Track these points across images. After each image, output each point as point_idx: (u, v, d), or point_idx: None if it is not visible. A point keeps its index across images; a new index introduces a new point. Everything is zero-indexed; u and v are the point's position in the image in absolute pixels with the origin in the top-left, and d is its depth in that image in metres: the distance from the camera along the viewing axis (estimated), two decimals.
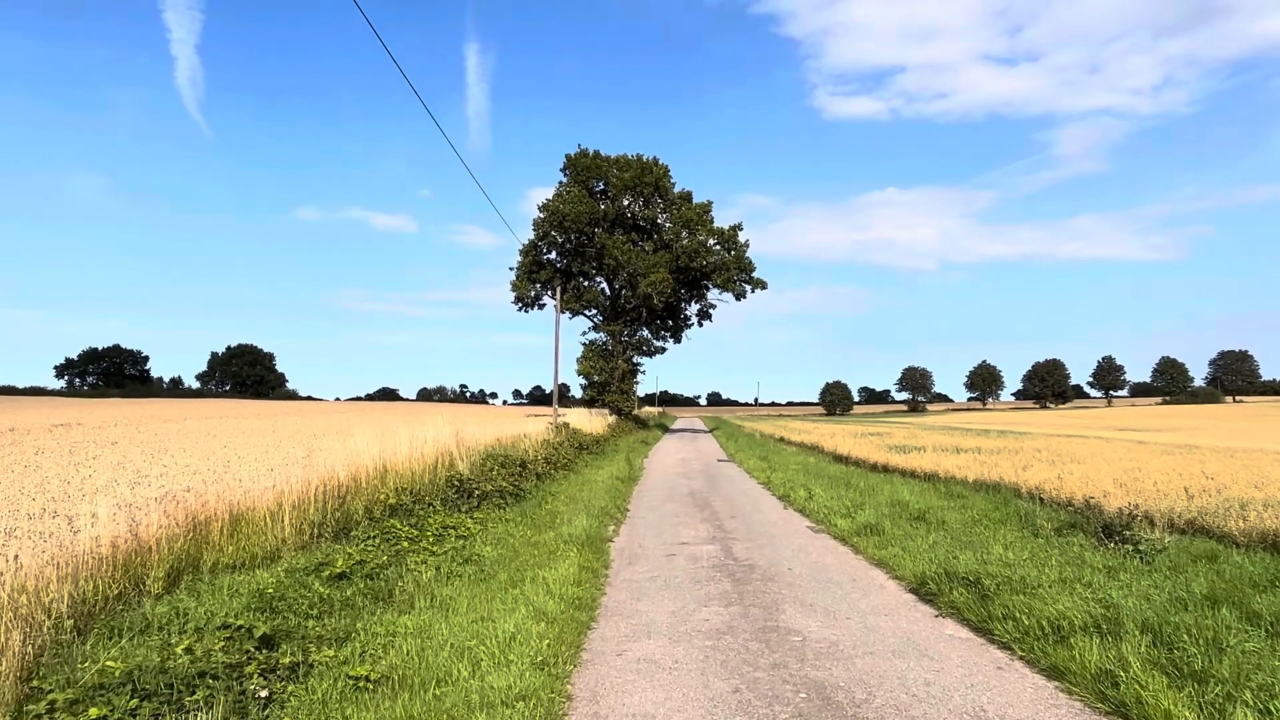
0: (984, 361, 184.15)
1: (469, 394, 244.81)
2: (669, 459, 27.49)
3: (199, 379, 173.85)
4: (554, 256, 47.70)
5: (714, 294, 49.59)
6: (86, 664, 5.33)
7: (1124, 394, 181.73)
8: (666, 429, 62.04)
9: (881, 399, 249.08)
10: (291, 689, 5.18)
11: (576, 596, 7.44)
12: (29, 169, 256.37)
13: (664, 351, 51.10)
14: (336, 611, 7.03)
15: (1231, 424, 54.35)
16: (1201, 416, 73.70)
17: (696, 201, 46.83)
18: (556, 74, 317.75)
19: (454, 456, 14.34)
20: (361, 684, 5.23)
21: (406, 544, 9.81)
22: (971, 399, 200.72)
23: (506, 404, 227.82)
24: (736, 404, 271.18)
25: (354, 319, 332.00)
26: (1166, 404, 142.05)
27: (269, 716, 4.80)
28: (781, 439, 39.27)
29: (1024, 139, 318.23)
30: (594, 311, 48.55)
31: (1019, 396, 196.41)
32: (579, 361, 47.13)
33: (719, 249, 46.46)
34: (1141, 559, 8.27)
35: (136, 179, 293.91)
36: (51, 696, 4.74)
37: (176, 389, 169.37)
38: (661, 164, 45.52)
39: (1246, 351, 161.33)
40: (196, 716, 4.61)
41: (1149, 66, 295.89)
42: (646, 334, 50.39)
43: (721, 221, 47.32)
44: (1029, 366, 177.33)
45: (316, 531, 9.96)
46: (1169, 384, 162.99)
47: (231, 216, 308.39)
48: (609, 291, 48.99)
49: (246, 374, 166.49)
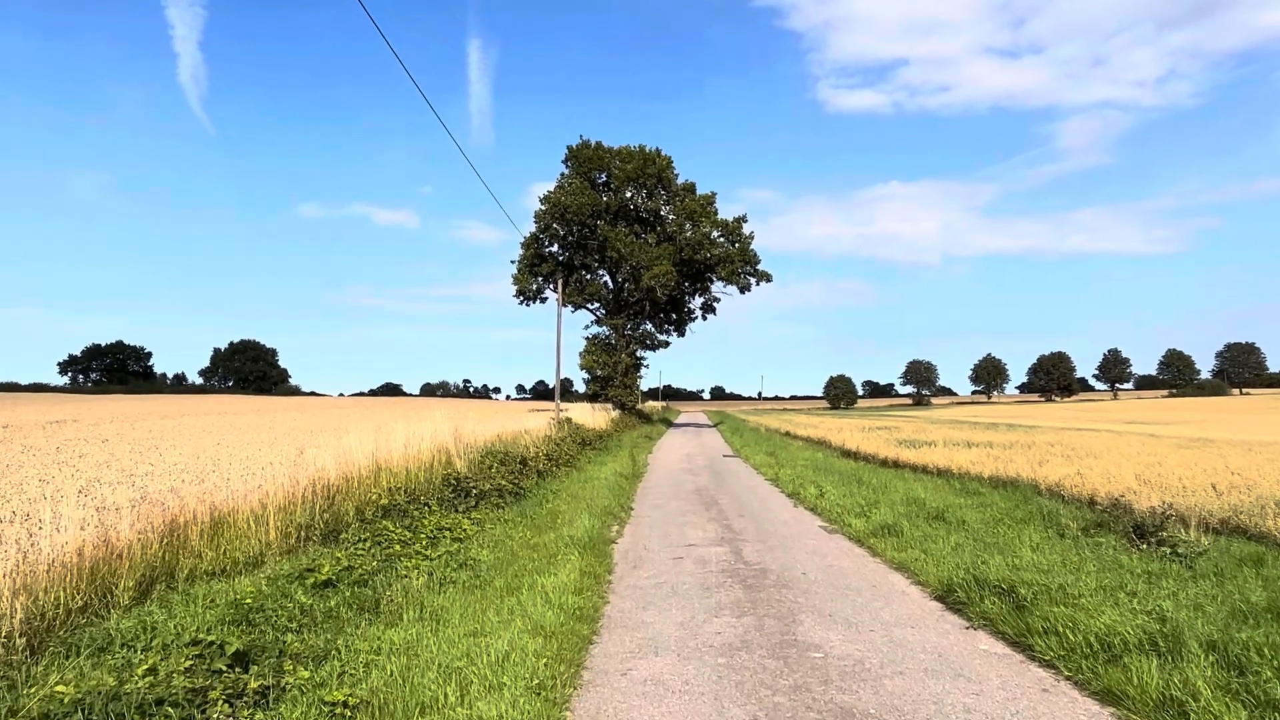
0: (989, 355, 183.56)
1: (472, 389, 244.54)
2: (673, 454, 26.97)
3: (202, 375, 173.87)
4: (556, 249, 47.12)
5: (718, 287, 49.02)
6: (34, 689, 4.82)
7: (1129, 387, 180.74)
8: (670, 424, 61.54)
9: (885, 393, 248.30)
10: (259, 717, 4.67)
11: (577, 606, 6.92)
12: (31, 167, 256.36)
13: (667, 345, 50.56)
14: (319, 624, 6.52)
15: (1241, 417, 53.69)
16: (1209, 409, 72.95)
17: (700, 193, 46.17)
18: (559, 69, 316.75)
19: (451, 454, 13.82)
20: (338, 711, 4.71)
21: (399, 547, 9.30)
22: (975, 392, 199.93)
23: (510, 399, 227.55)
24: (740, 398, 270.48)
25: (357, 315, 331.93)
26: (1173, 397, 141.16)
27: None
28: (787, 433, 38.73)
29: (1027, 132, 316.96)
30: (597, 305, 48.00)
31: (1023, 390, 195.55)
32: (581, 356, 46.60)
33: (723, 241, 45.80)
34: (1181, 563, 7.72)
35: (139, 176, 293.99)
36: None
37: (180, 385, 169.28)
38: (664, 155, 44.81)
39: (1253, 344, 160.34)
40: None
41: (1153, 59, 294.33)
42: (650, 327, 49.81)
43: (724, 215, 46.76)
44: (1033, 360, 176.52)
45: (304, 535, 9.45)
46: (1175, 377, 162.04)
47: (235, 213, 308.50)
48: (612, 285, 48.39)
49: (249, 370, 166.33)
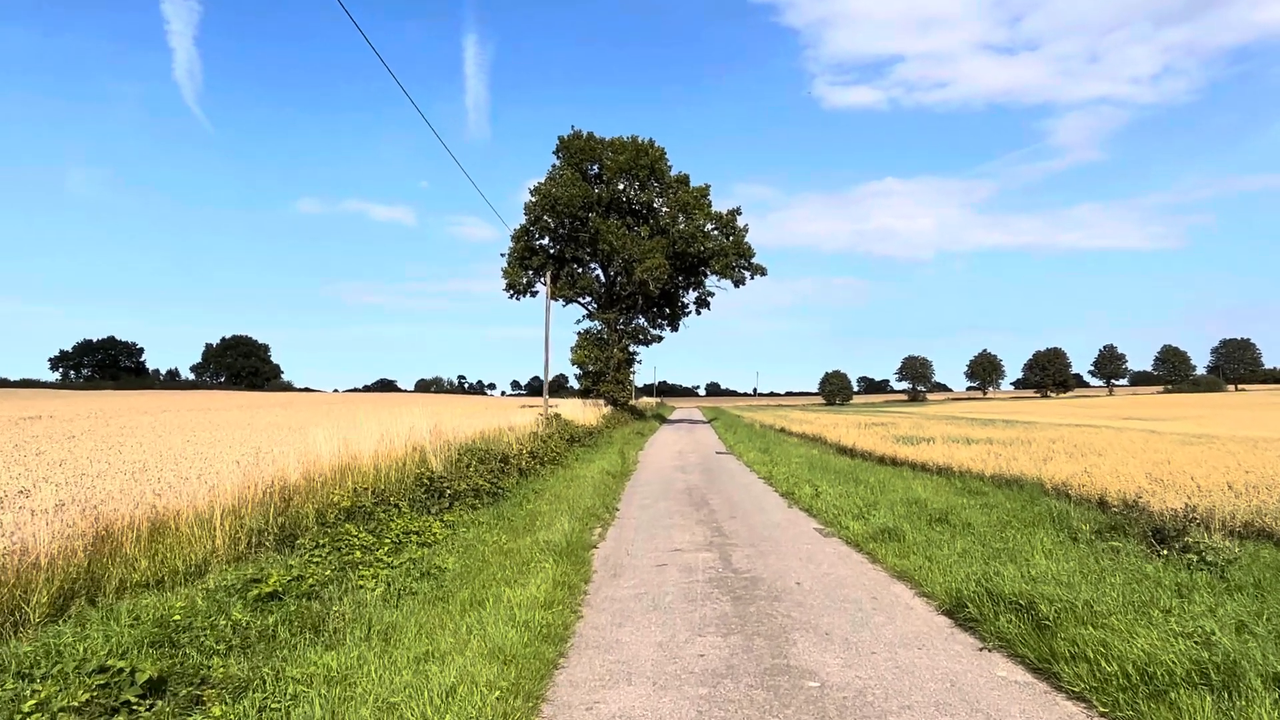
0: (984, 350, 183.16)
1: (466, 385, 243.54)
2: (665, 451, 26.26)
3: (194, 371, 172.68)
4: (546, 242, 46.19)
5: (712, 281, 48.22)
6: None
7: (1124, 383, 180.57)
8: (664, 419, 60.86)
9: (880, 389, 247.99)
10: None
11: (545, 624, 6.20)
12: (27, 162, 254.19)
13: (661, 340, 49.78)
14: (251, 646, 5.79)
15: (1239, 413, 53.12)
16: (1206, 405, 72.44)
17: (694, 185, 45.33)
18: (555, 65, 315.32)
19: (426, 452, 13.08)
20: None
21: (359, 554, 8.57)
22: (970, 388, 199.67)
23: (504, 395, 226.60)
24: (735, 394, 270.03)
25: (354, 311, 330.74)
26: (1168, 393, 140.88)
27: None
28: (782, 430, 38.07)
29: (1023, 128, 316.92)
30: (588, 299, 47.13)
31: (1018, 385, 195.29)
32: (573, 350, 45.79)
33: (717, 234, 44.97)
34: (1211, 572, 7.03)
35: (135, 171, 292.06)
36: None
37: (172, 381, 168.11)
38: (658, 146, 43.94)
39: (1249, 340, 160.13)
40: None
41: (1149, 55, 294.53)
42: (643, 322, 48.97)
43: (719, 208, 45.95)
44: (1028, 356, 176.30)
45: (256, 540, 8.70)
46: (1170, 372, 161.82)
47: (231, 209, 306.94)
48: (604, 278, 47.56)
49: (241, 365, 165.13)
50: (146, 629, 5.84)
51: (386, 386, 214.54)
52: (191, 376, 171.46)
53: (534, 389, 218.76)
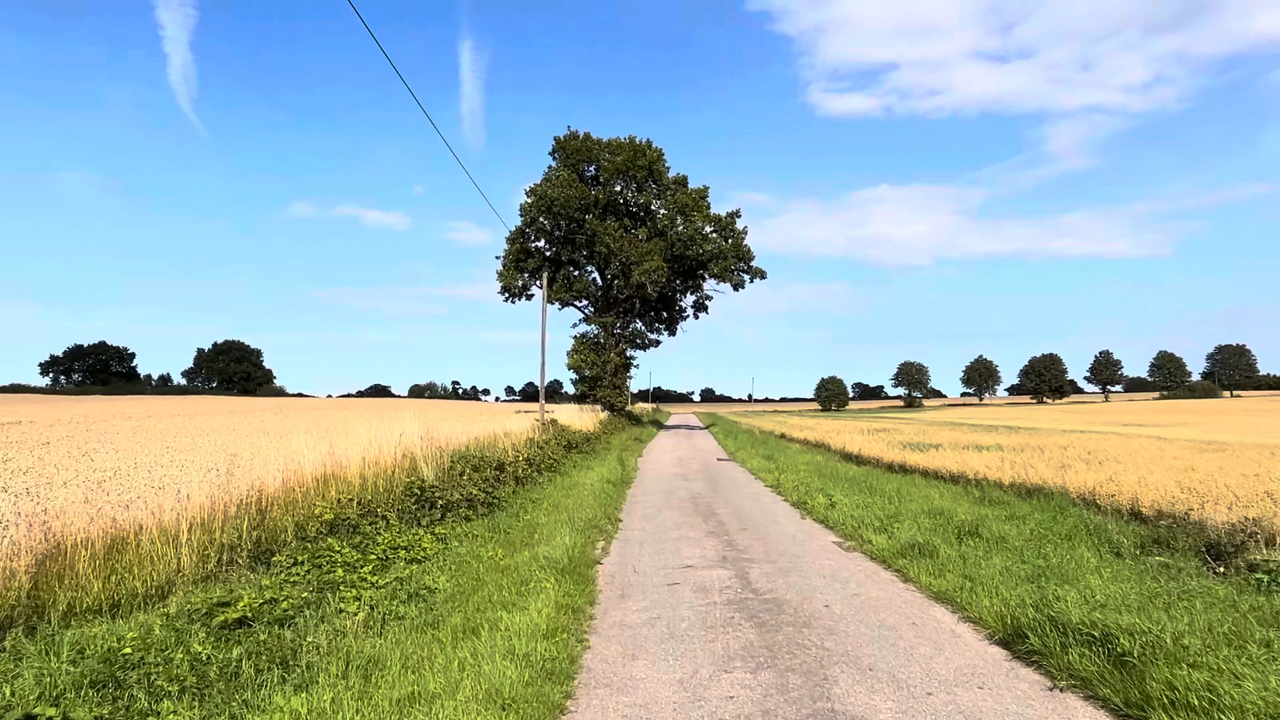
0: (980, 356, 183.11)
1: (461, 391, 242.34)
2: (665, 458, 25.51)
3: (185, 376, 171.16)
4: (542, 244, 45.34)
5: (710, 284, 47.47)
6: None
7: (1118, 389, 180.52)
8: (661, 426, 60.10)
9: (875, 394, 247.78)
10: None
11: (548, 657, 5.45)
12: (20, 166, 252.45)
13: (658, 344, 48.99)
14: (211, 686, 5.02)
15: (1239, 419, 52.64)
16: (1205, 412, 71.99)
17: (692, 187, 44.63)
18: (550, 72, 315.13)
19: (417, 459, 12.30)
20: None
21: (340, 572, 7.81)
22: (965, 394, 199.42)
23: (499, 400, 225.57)
24: (730, 400, 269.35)
25: (348, 316, 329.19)
26: (1164, 399, 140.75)
27: None
28: (782, 436, 37.34)
29: (1016, 136, 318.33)
30: (585, 302, 46.35)
31: (1013, 392, 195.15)
32: (569, 355, 44.96)
33: (715, 236, 44.26)
34: None
35: (129, 176, 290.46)
36: None
37: (164, 386, 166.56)
38: (655, 147, 43.23)
39: (1244, 346, 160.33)
40: None
41: (1140, 64, 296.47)
42: (640, 326, 48.14)
43: (719, 212, 45.18)
44: (1022, 362, 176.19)
45: (228, 557, 7.92)
46: (1166, 379, 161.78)
47: (225, 213, 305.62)
48: (600, 281, 46.78)
49: (233, 370, 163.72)
50: (90, 666, 5.08)
51: (380, 392, 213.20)
52: (183, 382, 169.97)
53: (529, 394, 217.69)
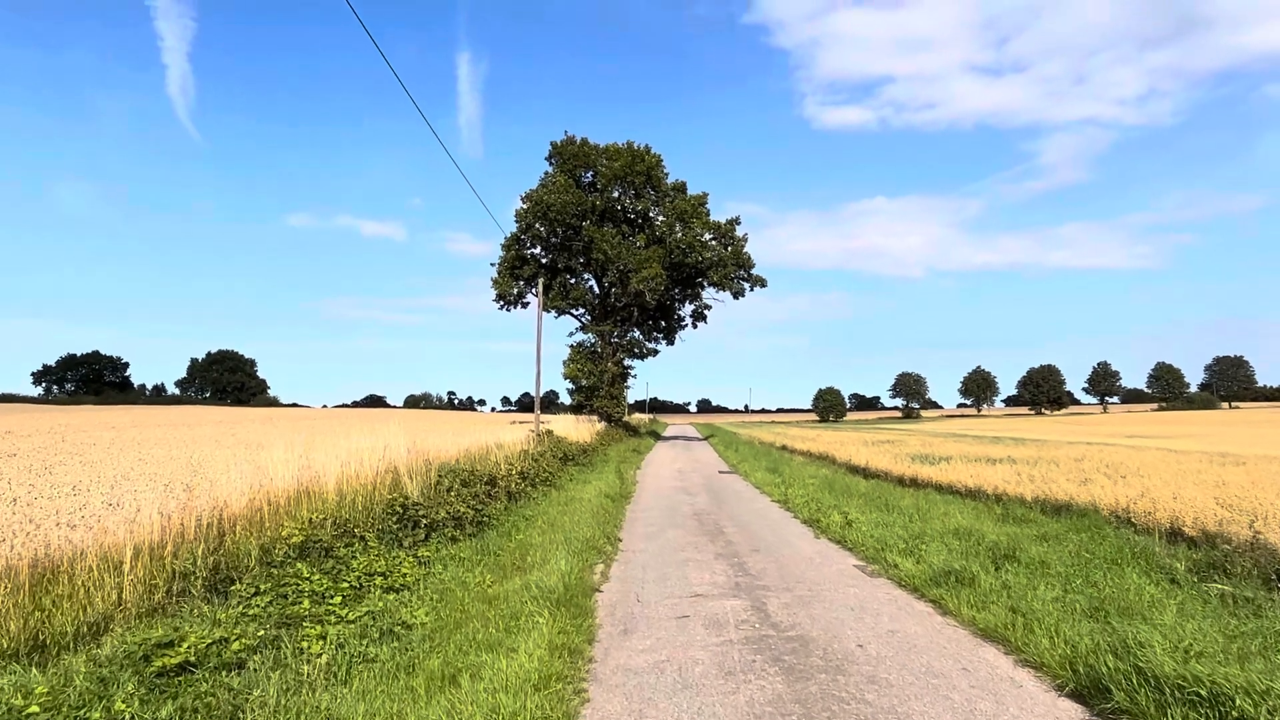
0: (979, 367, 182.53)
1: (456, 401, 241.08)
2: (665, 470, 24.61)
3: (179, 386, 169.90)
4: (538, 251, 44.46)
5: (709, 293, 46.65)
6: None
7: (1114, 400, 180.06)
8: (659, 436, 59.16)
9: (872, 405, 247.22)
10: None
11: (541, 715, 4.56)
12: (17, 175, 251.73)
13: (656, 354, 48.01)
14: None
15: (1242, 430, 51.90)
16: (1206, 423, 71.31)
17: (691, 193, 43.84)
18: (548, 84, 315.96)
19: (400, 474, 11.40)
20: None
21: (307, 604, 6.90)
22: (962, 405, 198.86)
23: (495, 410, 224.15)
24: (727, 410, 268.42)
25: (345, 326, 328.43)
26: (1163, 410, 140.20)
27: None
28: (784, 447, 36.47)
29: (1011, 148, 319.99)
30: (582, 311, 45.42)
31: (1010, 403, 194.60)
32: (565, 364, 44.02)
33: (715, 244, 43.44)
34: None
35: (126, 186, 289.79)
36: None
37: (158, 396, 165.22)
38: (654, 153, 42.39)
39: (1242, 357, 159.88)
40: None
41: (1134, 77, 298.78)
42: (638, 335, 47.22)
43: (718, 219, 44.39)
44: (1017, 373, 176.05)
45: (180, 587, 7.01)
46: (1164, 390, 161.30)
47: (222, 224, 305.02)
48: (598, 289, 45.89)
49: (226, 380, 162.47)
50: None
51: (376, 403, 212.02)
52: (177, 392, 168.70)
53: (525, 405, 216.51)
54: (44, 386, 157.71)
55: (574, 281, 44.28)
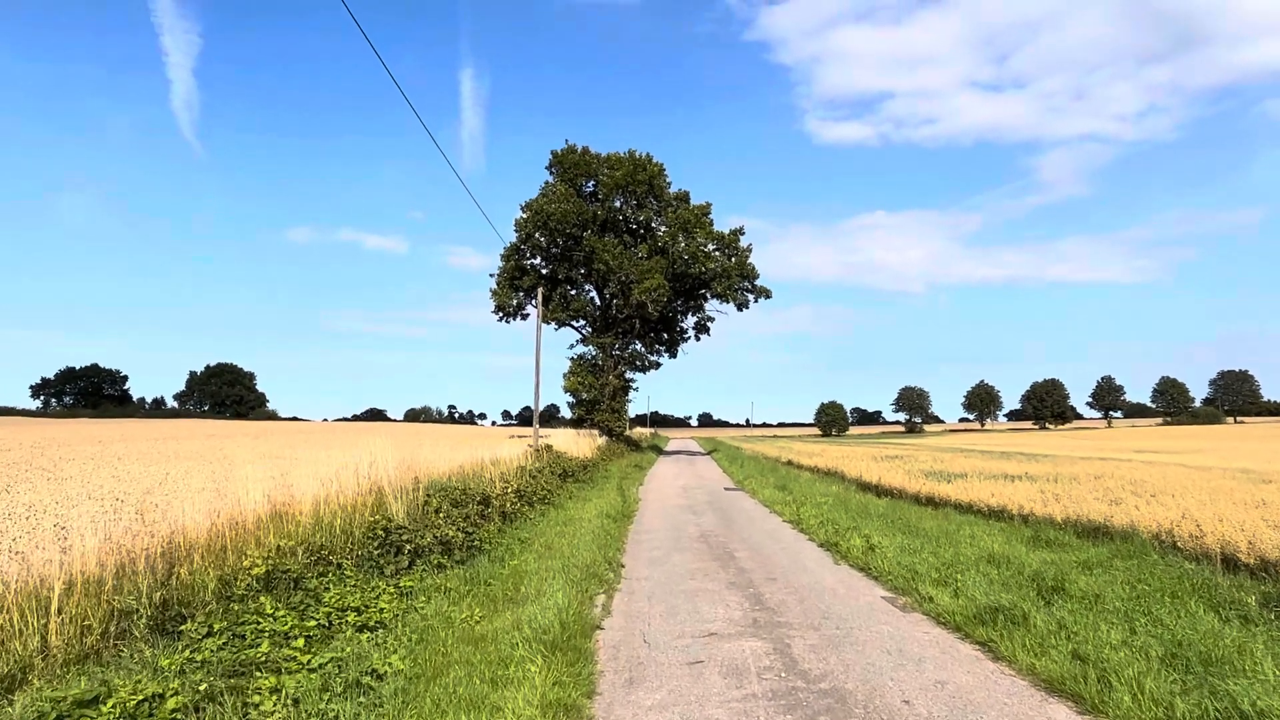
0: (982, 381, 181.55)
1: (457, 415, 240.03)
2: (668, 487, 23.69)
3: (178, 399, 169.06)
4: (538, 261, 43.69)
5: (712, 305, 45.86)
6: None
7: (1118, 415, 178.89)
8: (661, 451, 58.22)
9: (874, 420, 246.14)
10: None
11: None
12: (20, 188, 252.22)
13: (658, 367, 47.14)
14: None
15: (1252, 445, 50.84)
16: (1214, 438, 70.26)
17: (695, 203, 43.13)
18: (550, 100, 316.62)
19: (385, 493, 10.51)
20: None
21: (266, 646, 6.02)
22: (964, 419, 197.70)
23: (495, 424, 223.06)
24: (728, 424, 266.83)
25: (345, 340, 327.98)
26: (1168, 424, 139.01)
27: None
28: (790, 462, 35.54)
29: (1010, 164, 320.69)
30: (582, 322, 44.61)
31: (1013, 417, 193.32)
32: (566, 377, 43.11)
33: (718, 255, 42.67)
34: None
35: (128, 199, 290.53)
36: None
37: (156, 409, 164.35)
38: (656, 161, 41.68)
39: (1247, 371, 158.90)
40: None
41: (1133, 93, 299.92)
42: (639, 347, 46.35)
43: (721, 229, 43.67)
44: (1020, 387, 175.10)
45: (119, 627, 6.13)
46: (1169, 404, 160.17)
47: (223, 237, 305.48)
48: (599, 301, 45.06)
49: (225, 394, 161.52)
50: None
51: (376, 416, 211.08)
52: (176, 405, 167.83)
53: (525, 419, 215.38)
54: (42, 399, 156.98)
55: (574, 293, 43.48)
